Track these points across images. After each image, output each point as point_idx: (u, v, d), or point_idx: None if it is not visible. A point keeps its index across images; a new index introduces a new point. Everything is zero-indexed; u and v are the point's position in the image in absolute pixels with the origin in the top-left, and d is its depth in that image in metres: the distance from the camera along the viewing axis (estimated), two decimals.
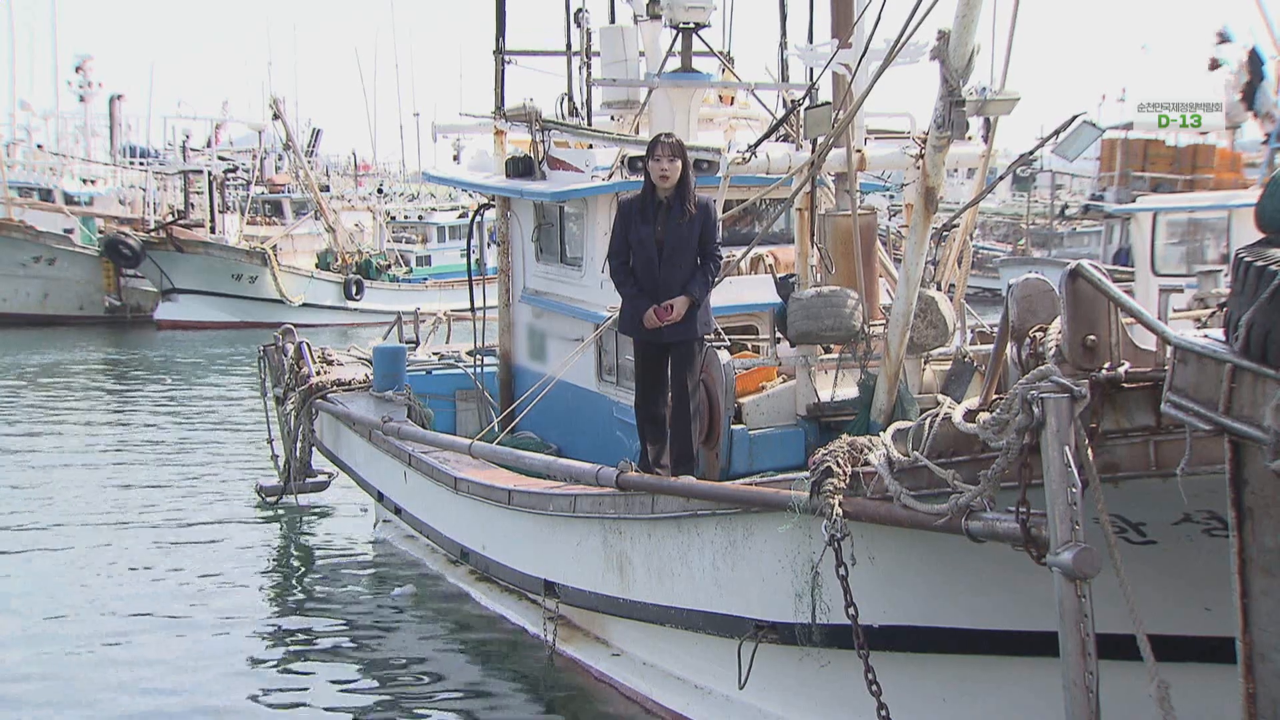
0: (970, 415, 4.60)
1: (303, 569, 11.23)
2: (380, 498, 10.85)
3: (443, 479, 8.96)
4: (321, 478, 12.58)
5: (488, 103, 10.92)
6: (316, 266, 36.27)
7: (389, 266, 37.42)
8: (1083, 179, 41.72)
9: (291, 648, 9.08)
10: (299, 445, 11.86)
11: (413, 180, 48.45)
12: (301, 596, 10.36)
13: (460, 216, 38.93)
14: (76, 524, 12.45)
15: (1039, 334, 4.38)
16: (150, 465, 15.44)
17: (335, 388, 11.34)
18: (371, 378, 11.07)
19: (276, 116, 36.55)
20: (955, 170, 10.70)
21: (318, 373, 11.66)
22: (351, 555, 11.57)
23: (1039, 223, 39.16)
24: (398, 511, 10.45)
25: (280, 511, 12.69)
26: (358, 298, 34.91)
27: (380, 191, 44.77)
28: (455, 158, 23.76)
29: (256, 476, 13.59)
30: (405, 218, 43.82)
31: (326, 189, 40.47)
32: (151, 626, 9.45)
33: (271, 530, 12.38)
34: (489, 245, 11.96)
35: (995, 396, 4.58)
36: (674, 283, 6.77)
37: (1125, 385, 4.12)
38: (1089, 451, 4.08)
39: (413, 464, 9.55)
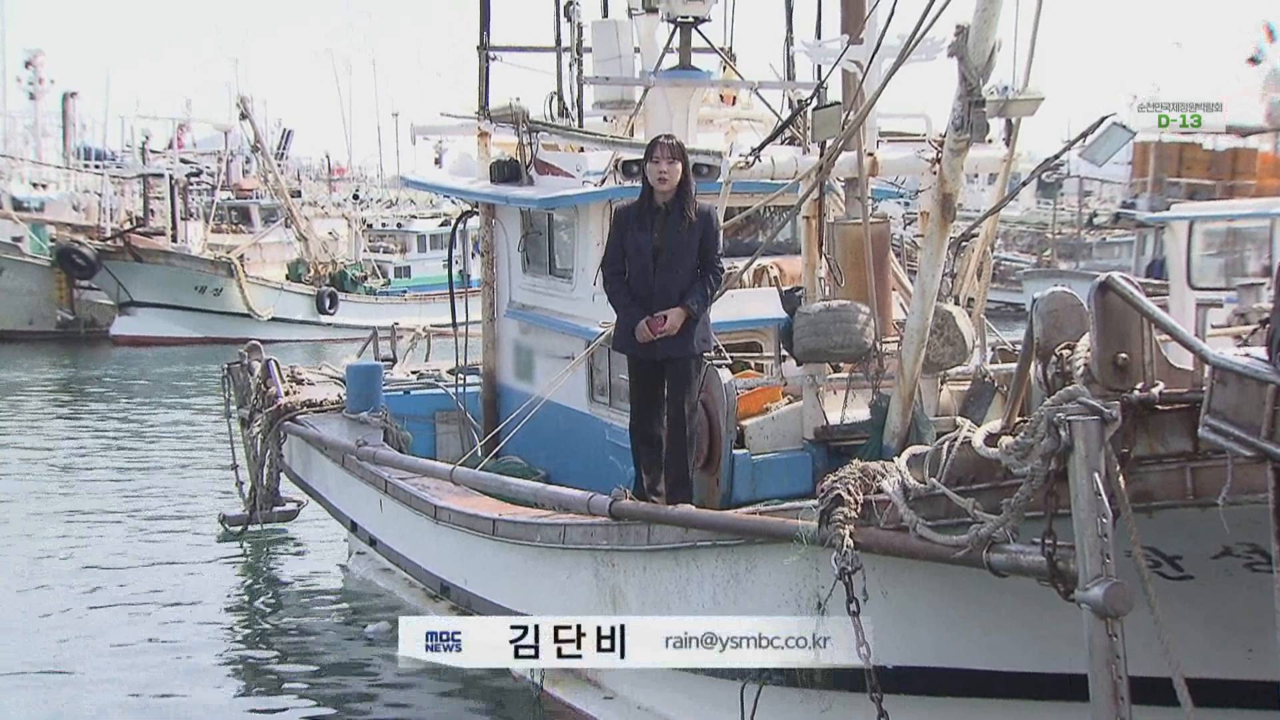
0: (992, 439, 4.59)
1: (270, 605, 11.17)
2: (354, 528, 10.81)
3: (421, 507, 8.94)
4: (290, 506, 12.54)
5: (471, 102, 10.94)
6: (287, 278, 36.31)
7: (365, 278, 37.48)
8: (1113, 185, 41.85)
9: (257, 690, 9.02)
10: (266, 471, 11.83)
11: (391, 185, 48.55)
12: (268, 635, 10.31)
13: (442, 224, 39.02)
14: (23, 556, 12.39)
15: (1066, 352, 4.38)
16: (105, 494, 15.38)
17: (305, 409, 11.31)
18: (345, 398, 11.05)
19: (244, 116, 36.62)
20: (975, 176, 10.73)
21: (286, 393, 11.64)
22: (322, 590, 11.52)
23: (1066, 232, 39.28)
24: (373, 543, 10.41)
25: (245, 543, 12.64)
26: (331, 312, 34.93)
27: (356, 197, 44.91)
28: (437, 161, 23.84)
29: (220, 505, 13.54)
30: (383, 225, 43.92)
31: (298, 194, 40.56)
32: (105, 668, 9.39)
33: (236, 563, 12.33)
34: (473, 255, 11.96)
35: (1019, 419, 4.57)
36: (670, 293, 6.79)
37: (1159, 407, 4.12)
38: (1120, 479, 4.07)
39: (389, 491, 9.52)
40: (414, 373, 12.61)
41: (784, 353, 7.73)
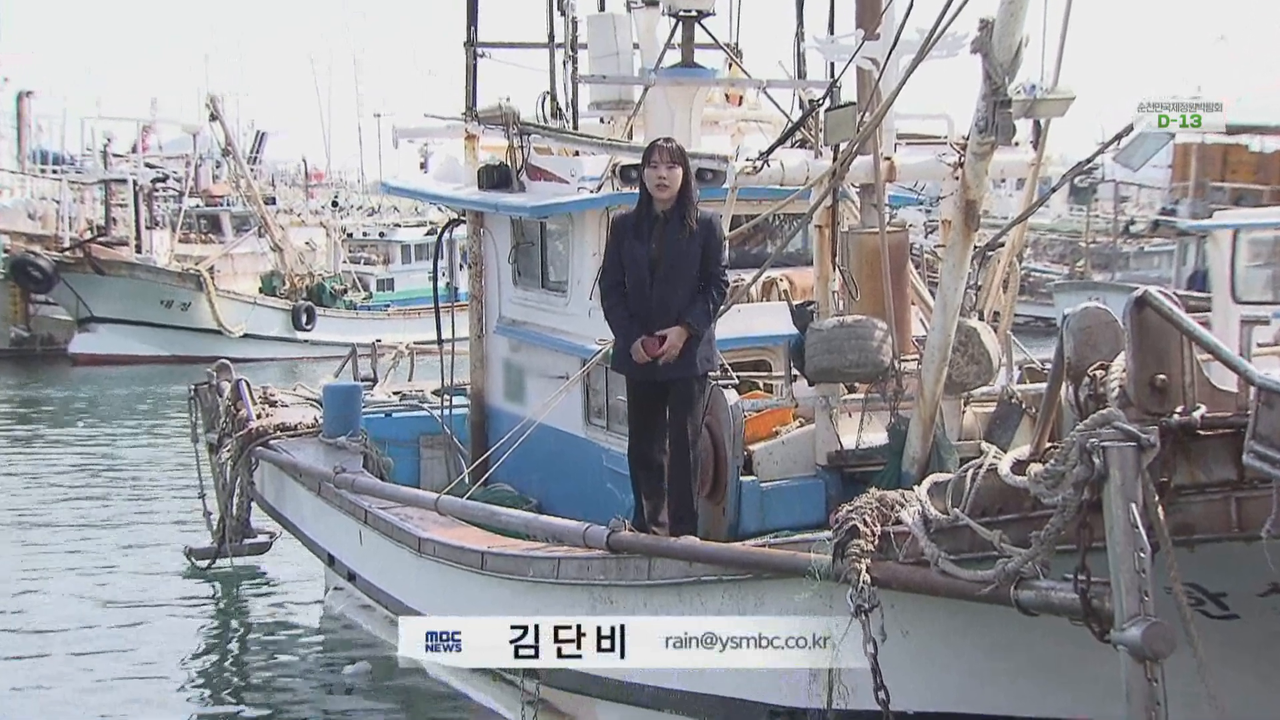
0: (1020, 466, 4.59)
1: (240, 645, 11.14)
2: (331, 561, 10.80)
3: (404, 539, 8.92)
4: (262, 538, 12.52)
5: (458, 102, 10.96)
6: (260, 291, 36.30)
7: (345, 291, 37.49)
8: (1151, 190, 41.87)
9: None
10: (236, 500, 11.81)
11: (372, 191, 48.61)
12: (238, 678, 10.28)
13: (428, 233, 38.97)
14: None
15: (1100, 372, 4.38)
16: (61, 525, 15.35)
17: (279, 433, 11.30)
18: (321, 421, 11.04)
19: (214, 117, 36.65)
20: (1002, 181, 10.74)
21: (258, 415, 11.62)
22: (297, 628, 11.49)
23: (1100, 241, 39.25)
24: (352, 577, 10.39)
25: (214, 578, 12.61)
26: (308, 327, 34.93)
27: (335, 204, 44.89)
28: (422, 166, 23.81)
29: (186, 538, 13.51)
30: (364, 235, 43.93)
31: (272, 201, 40.58)
32: (59, 717, 9.35)
33: (203, 600, 12.30)
34: (460, 267, 11.98)
35: (1049, 445, 4.57)
36: (669, 309, 6.79)
37: (1201, 433, 4.12)
38: (1159, 510, 4.07)
39: (369, 522, 9.51)
40: (396, 394, 12.59)
41: (795, 372, 7.72)
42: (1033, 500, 4.45)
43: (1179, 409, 4.13)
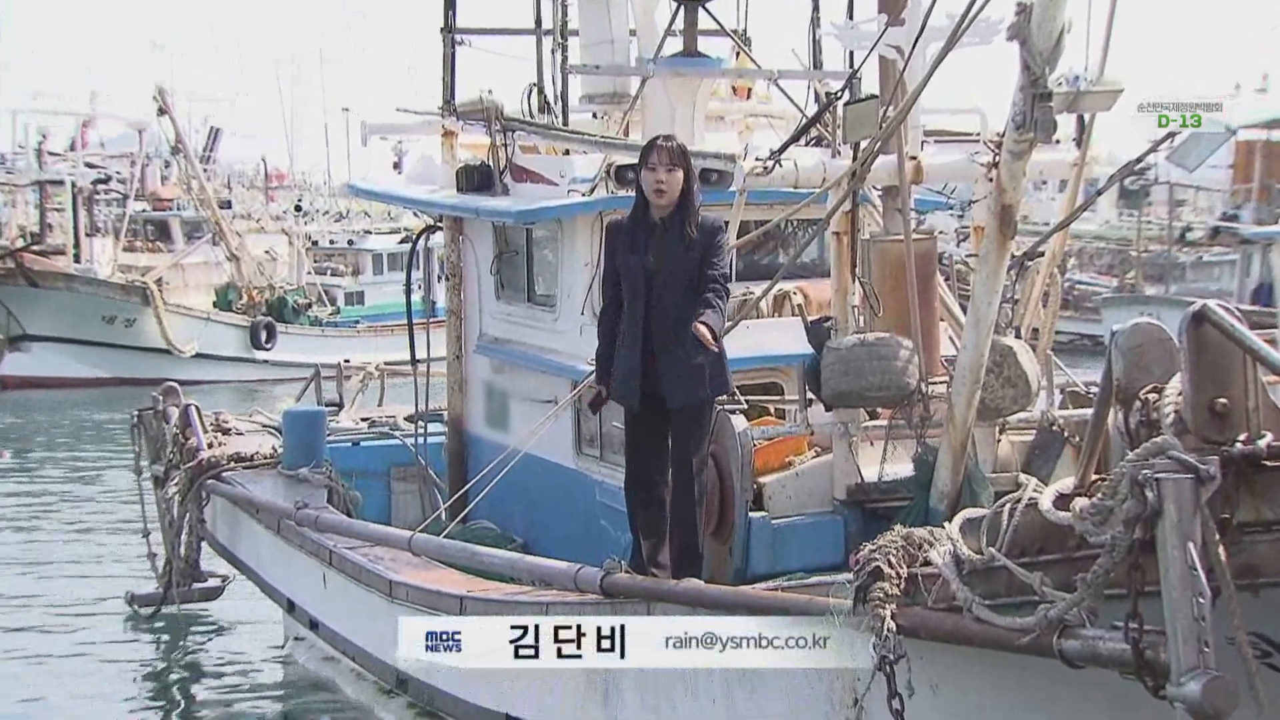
0: (1063, 501, 4.59)
1: (187, 703, 11.10)
2: (291, 608, 10.77)
3: (373, 583, 8.90)
4: (213, 582, 12.47)
5: (434, 95, 10.98)
6: (214, 306, 36.33)
7: (309, 306, 37.52)
8: (1210, 193, 41.99)
9: None
10: (184, 540, 11.75)
11: (340, 194, 48.70)
12: None
13: (402, 241, 39.07)
14: None
15: (1153, 396, 4.38)
16: None
17: (233, 464, 11.27)
18: (281, 451, 11.02)
19: (163, 111, 36.63)
20: (1042, 183, 10.77)
21: (210, 445, 11.60)
22: (253, 684, 11.44)
23: (1153, 249, 39.33)
24: (314, 626, 10.36)
25: (159, 627, 12.57)
26: (268, 346, 34.94)
27: (298, 209, 44.99)
28: (395, 166, 23.87)
29: (128, 582, 13.46)
30: (331, 242, 44.01)
31: (228, 205, 40.60)
32: None
33: (147, 653, 12.26)
34: (438, 279, 11.98)
35: (1096, 477, 4.56)
36: (666, 329, 6.76)
37: (1267, 463, 4.12)
38: (1220, 550, 4.06)
39: (334, 563, 9.49)
40: (365, 420, 12.58)
41: (810, 396, 7.71)
42: (1078, 539, 4.44)
43: (1242, 436, 4.13)
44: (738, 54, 10.70)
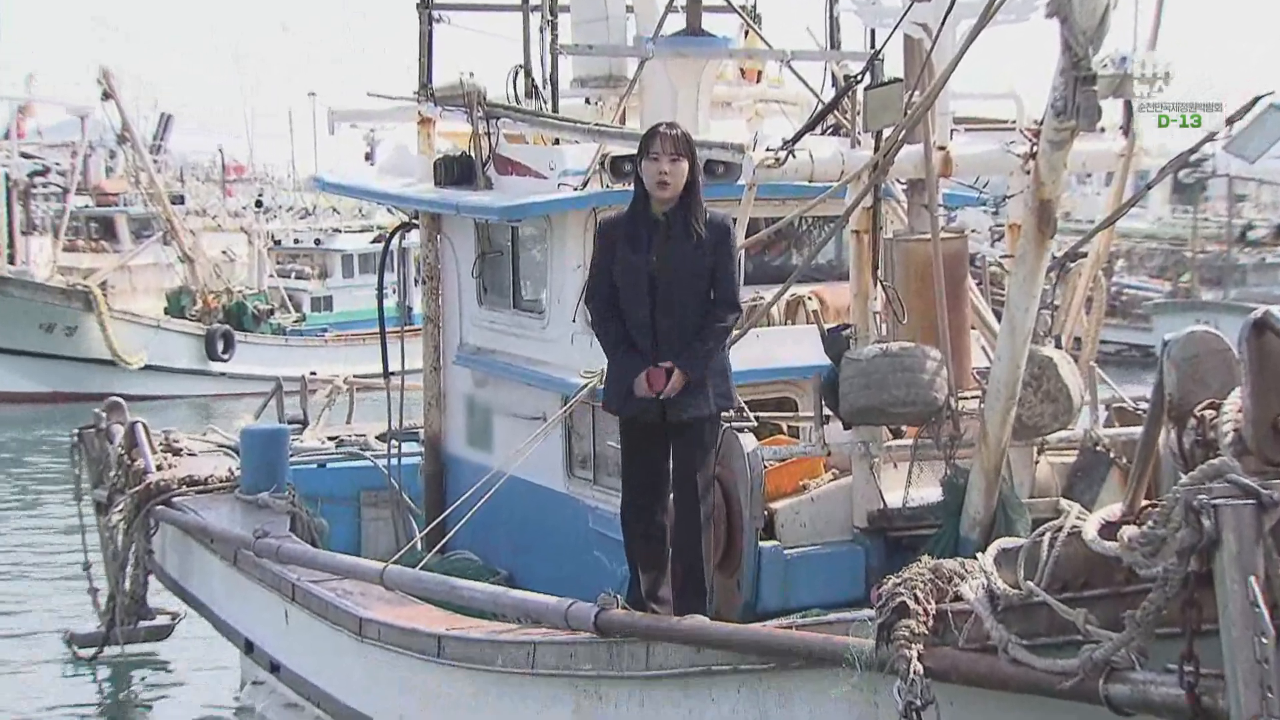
0: (1109, 530, 4.59)
1: None
2: (250, 648, 10.75)
3: (341, 621, 8.90)
4: (162, 620, 12.47)
5: (410, 79, 10.97)
6: (166, 312, 36.35)
7: (271, 312, 37.55)
8: (1275, 186, 42.00)
9: None
10: (129, 573, 11.74)
11: (306, 189, 48.75)
12: None
13: (374, 241, 39.12)
14: None
15: (1209, 413, 4.37)
16: None
17: (184, 488, 11.27)
18: (239, 474, 11.01)
19: (108, 96, 36.66)
20: (1087, 176, 10.78)
21: (159, 467, 11.60)
22: None
23: (1210, 250, 39.35)
24: (275, 668, 10.35)
25: (102, 670, 12.55)
26: (225, 357, 34.98)
27: (259, 205, 44.99)
28: (367, 157, 23.87)
29: (68, 620, 13.44)
30: (295, 242, 44.05)
31: (181, 200, 40.66)
32: None
33: (87, 697, 12.26)
34: (415, 283, 11.98)
35: (1146, 503, 4.56)
36: (674, 337, 6.78)
37: None
38: None
39: (298, 598, 9.48)
40: (332, 439, 12.59)
41: (827, 412, 7.71)
42: (1126, 572, 4.45)
43: None
44: (746, 32, 10.70)
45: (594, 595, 6.98)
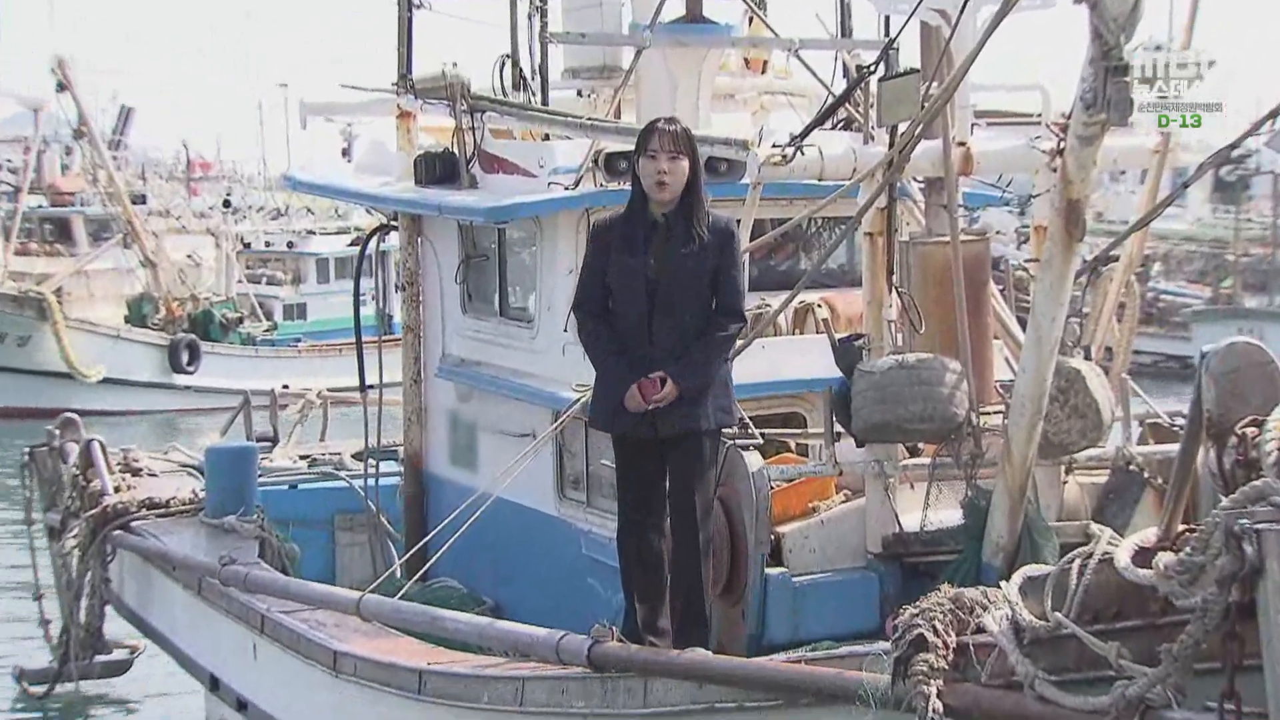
0: (1143, 556, 4.59)
1: None
2: (215, 685, 10.74)
3: (315, 654, 8.88)
4: (119, 654, 12.46)
5: (388, 70, 10.97)
6: (126, 321, 36.37)
7: (240, 321, 37.56)
8: None
9: None
10: (85, 603, 11.74)
11: (277, 188, 48.79)
12: None
13: (351, 244, 39.11)
14: None
15: (1251, 430, 4.36)
16: None
17: (144, 512, 11.27)
18: (203, 495, 10.99)
19: (63, 87, 36.70)
20: (1121, 173, 10.80)
21: (117, 488, 11.59)
22: None
23: (1254, 253, 39.33)
24: (242, 706, 10.34)
25: (54, 708, 12.52)
26: (190, 369, 34.99)
27: (227, 205, 45.07)
28: (344, 153, 23.88)
29: (18, 655, 13.43)
30: (267, 245, 44.08)
31: (142, 200, 40.67)
32: None
33: None
34: (395, 290, 11.98)
35: (1183, 527, 4.55)
36: (674, 348, 6.77)
37: None
38: None
39: (267, 630, 9.46)
40: (304, 458, 12.60)
41: (838, 428, 7.70)
42: (1162, 602, 4.45)
43: None
44: (751, 20, 10.70)
45: (587, 626, 6.96)
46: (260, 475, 11.18)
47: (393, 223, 11.19)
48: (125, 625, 12.07)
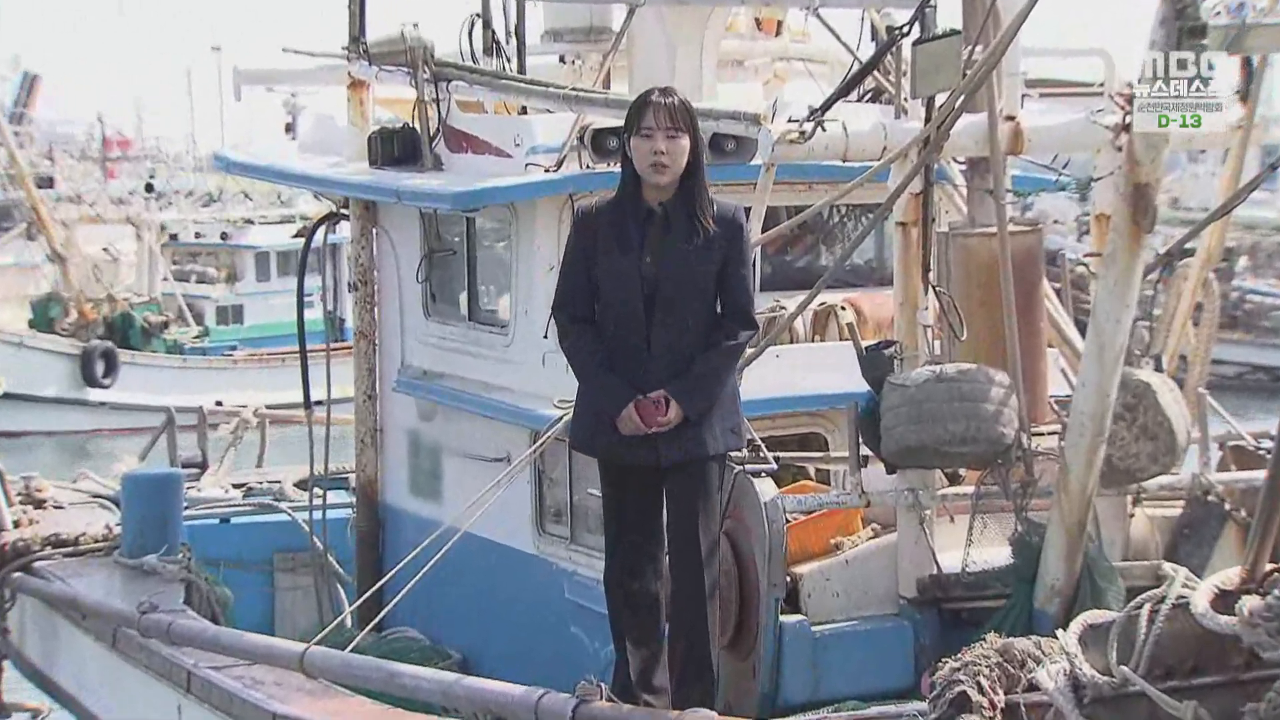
0: (1225, 601, 4.59)
1: None
2: None
3: (250, 717, 8.87)
4: (20, 718, 12.41)
5: (338, 32, 10.98)
6: (31, 325, 36.38)
7: (166, 325, 37.61)
8: None
9: None
10: None
11: (209, 169, 48.82)
12: None
13: (297, 235, 39.11)
14: None
15: None
16: None
17: (50, 550, 11.25)
18: (119, 531, 10.99)
19: None
20: (1200, 153, 10.83)
21: (17, 523, 11.58)
22: None
23: None
24: None
25: None
26: (106, 382, 35.02)
27: (150, 189, 45.07)
28: (288, 129, 23.96)
29: None
30: (197, 236, 44.09)
31: (50, 183, 40.74)
32: None
33: None
34: (350, 288, 11.99)
35: (1271, 567, 4.55)
36: (675, 360, 6.74)
37: None
38: None
39: (194, 689, 9.45)
40: (239, 486, 12.59)
41: (865, 452, 7.71)
42: (1246, 654, 4.47)
43: None
44: None
45: (571, 683, 6.95)
46: (186, 507, 11.15)
47: (343, 210, 11.19)
48: (26, 684, 12.06)
